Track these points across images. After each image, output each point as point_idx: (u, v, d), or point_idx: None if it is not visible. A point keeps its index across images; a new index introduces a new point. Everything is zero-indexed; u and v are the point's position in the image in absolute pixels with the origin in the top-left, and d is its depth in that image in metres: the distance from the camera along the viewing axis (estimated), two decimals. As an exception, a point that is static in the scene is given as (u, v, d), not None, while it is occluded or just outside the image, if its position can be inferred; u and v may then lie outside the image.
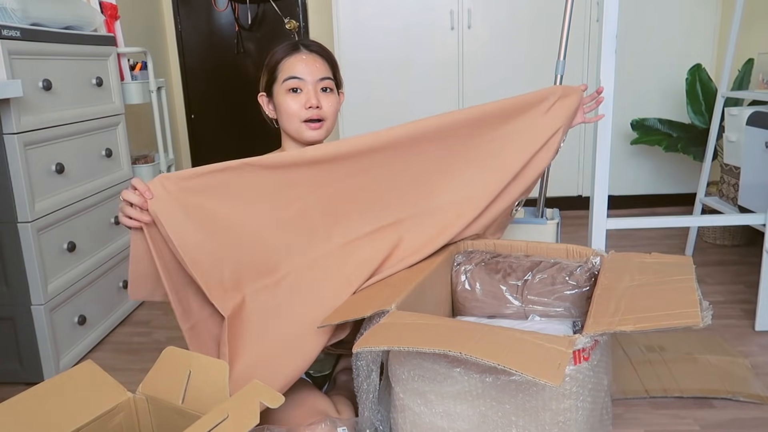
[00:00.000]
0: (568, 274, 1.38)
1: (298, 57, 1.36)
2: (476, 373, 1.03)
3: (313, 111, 1.35)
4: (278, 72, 1.36)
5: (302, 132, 1.37)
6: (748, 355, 1.70)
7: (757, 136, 2.01)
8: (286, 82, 1.34)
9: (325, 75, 1.37)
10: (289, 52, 1.37)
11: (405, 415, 1.14)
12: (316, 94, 1.35)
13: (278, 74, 1.36)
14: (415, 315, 1.12)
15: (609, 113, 1.63)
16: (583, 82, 3.14)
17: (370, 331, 1.06)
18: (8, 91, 1.53)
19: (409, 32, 3.17)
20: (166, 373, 1.00)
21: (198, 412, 0.95)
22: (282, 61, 1.36)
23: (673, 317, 0.98)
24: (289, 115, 1.36)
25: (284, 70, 1.35)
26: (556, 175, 3.18)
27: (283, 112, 1.37)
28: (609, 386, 1.18)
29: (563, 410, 1.00)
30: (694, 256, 2.53)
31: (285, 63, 1.36)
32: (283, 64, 1.36)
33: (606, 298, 1.11)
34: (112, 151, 2.11)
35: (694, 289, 1.10)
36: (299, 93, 1.35)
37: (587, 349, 1.01)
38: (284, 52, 1.37)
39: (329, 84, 1.38)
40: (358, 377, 1.19)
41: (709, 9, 3.09)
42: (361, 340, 1.03)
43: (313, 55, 1.37)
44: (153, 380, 1.02)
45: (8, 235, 1.65)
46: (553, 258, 1.46)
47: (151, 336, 2.03)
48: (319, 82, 1.36)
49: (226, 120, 3.91)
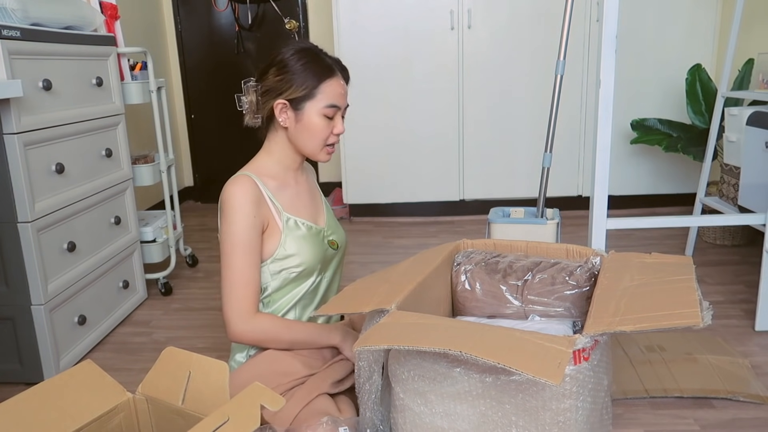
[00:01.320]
0: (568, 274, 1.38)
1: (338, 81, 1.36)
2: (476, 373, 1.03)
3: (337, 138, 1.39)
4: (319, 93, 1.33)
5: (320, 154, 1.38)
6: (748, 355, 1.70)
7: (757, 136, 2.02)
8: (328, 109, 1.34)
9: (348, 104, 1.41)
10: (330, 75, 1.35)
11: (405, 415, 1.14)
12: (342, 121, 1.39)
13: (318, 95, 1.33)
14: (415, 315, 1.12)
15: (609, 113, 1.63)
16: (583, 82, 3.17)
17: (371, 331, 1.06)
18: (8, 91, 1.53)
19: (409, 32, 3.17)
20: (165, 373, 1.00)
21: (198, 413, 0.95)
22: (324, 83, 1.33)
23: (674, 317, 0.98)
24: (319, 138, 1.36)
25: (326, 94, 1.33)
26: (556, 175, 3.19)
27: (311, 132, 1.35)
28: (609, 386, 1.18)
29: (563, 410, 1.00)
30: (694, 256, 2.53)
31: (327, 86, 1.33)
32: (326, 87, 1.33)
33: (606, 298, 1.11)
34: (112, 151, 2.11)
35: (694, 289, 1.10)
36: (331, 119, 1.36)
37: (587, 349, 1.01)
38: (325, 73, 1.34)
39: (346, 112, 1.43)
40: (360, 377, 1.19)
41: (709, 9, 3.09)
42: (361, 338, 1.03)
43: (344, 80, 1.39)
44: (152, 381, 1.01)
45: (8, 235, 1.65)
46: (553, 258, 1.46)
47: (151, 336, 2.03)
48: (345, 110, 1.40)
49: (226, 120, 3.91)
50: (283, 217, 1.36)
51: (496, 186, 3.33)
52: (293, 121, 1.35)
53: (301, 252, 1.36)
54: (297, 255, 1.35)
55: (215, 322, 2.11)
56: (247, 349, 1.38)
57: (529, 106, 3.21)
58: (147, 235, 2.35)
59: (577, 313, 1.37)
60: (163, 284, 2.39)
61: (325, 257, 1.43)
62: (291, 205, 1.39)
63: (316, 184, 1.55)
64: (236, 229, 1.28)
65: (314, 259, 1.38)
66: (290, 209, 1.38)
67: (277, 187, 1.38)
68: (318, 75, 1.33)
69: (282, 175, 1.40)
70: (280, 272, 1.35)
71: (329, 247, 1.44)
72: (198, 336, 1.99)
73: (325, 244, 1.43)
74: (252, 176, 1.34)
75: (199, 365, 0.97)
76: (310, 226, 1.40)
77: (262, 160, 1.40)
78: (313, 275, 1.40)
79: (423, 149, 3.30)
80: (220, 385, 0.95)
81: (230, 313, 1.29)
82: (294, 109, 1.34)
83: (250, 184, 1.31)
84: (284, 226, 1.35)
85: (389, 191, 3.37)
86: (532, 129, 3.23)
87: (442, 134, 3.28)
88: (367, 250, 2.90)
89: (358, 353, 1.20)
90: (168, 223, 2.46)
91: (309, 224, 1.40)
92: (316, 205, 1.49)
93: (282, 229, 1.35)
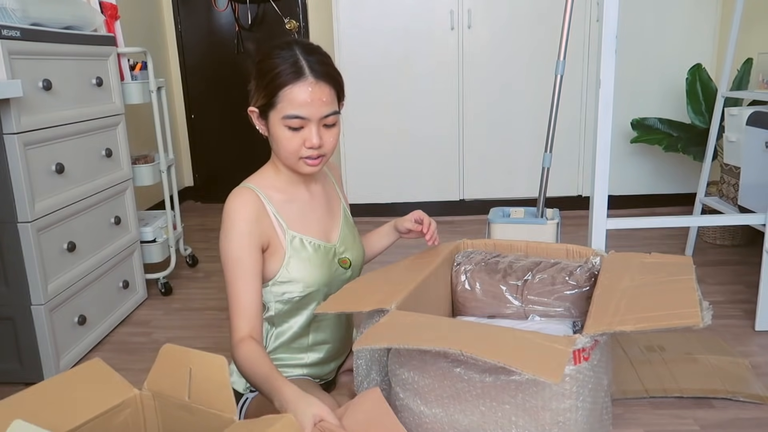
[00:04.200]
0: (568, 274, 1.38)
1: (303, 87, 1.14)
2: (476, 372, 1.03)
3: (314, 150, 1.19)
4: (278, 100, 1.15)
5: (298, 167, 1.22)
6: (748, 355, 1.70)
7: (757, 136, 2.02)
8: (289, 120, 1.15)
9: (330, 110, 1.18)
10: (294, 78, 1.14)
11: (404, 414, 1.14)
12: (319, 131, 1.18)
13: (278, 103, 1.15)
14: (414, 315, 1.12)
15: (609, 113, 1.63)
16: (583, 82, 3.17)
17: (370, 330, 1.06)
18: (8, 91, 1.53)
19: (409, 32, 3.17)
20: (167, 370, 1.01)
21: (205, 407, 0.96)
22: (285, 89, 1.14)
23: (674, 317, 0.98)
24: (288, 152, 1.19)
25: (286, 101, 1.15)
26: (556, 175, 3.19)
27: (278, 145, 1.20)
28: (609, 386, 1.18)
29: (563, 410, 1.00)
30: (694, 256, 2.53)
31: (288, 92, 1.14)
32: (286, 92, 1.14)
33: (606, 299, 1.11)
34: (112, 151, 2.11)
35: (694, 289, 1.10)
36: (300, 130, 1.18)
37: (587, 349, 1.01)
38: (288, 77, 1.14)
39: (334, 120, 1.20)
40: (358, 376, 1.19)
41: (709, 9, 3.09)
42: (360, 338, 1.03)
43: (320, 84, 1.16)
44: (156, 378, 1.02)
45: (8, 235, 1.65)
46: (553, 258, 1.46)
47: (151, 336, 2.03)
48: (324, 119, 1.18)
49: (226, 120, 3.91)
50: (288, 236, 1.25)
51: (496, 186, 3.33)
52: (266, 130, 1.22)
53: (305, 276, 1.26)
54: (301, 281, 1.25)
55: (215, 322, 2.11)
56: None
57: (529, 106, 3.21)
58: (147, 235, 2.35)
59: (577, 313, 1.37)
60: (163, 284, 2.39)
61: (335, 278, 1.32)
62: (298, 221, 1.28)
63: (336, 192, 1.42)
64: (231, 246, 1.19)
65: (320, 282, 1.28)
66: (296, 226, 1.27)
67: (283, 200, 1.27)
68: (279, 80, 1.15)
69: (290, 188, 1.29)
70: (282, 295, 1.27)
71: (339, 266, 1.33)
72: (198, 336, 1.99)
73: (335, 263, 1.32)
74: (255, 189, 1.24)
75: (198, 361, 0.98)
76: (318, 245, 1.29)
77: (267, 171, 1.29)
78: (320, 298, 1.30)
79: (423, 149, 3.30)
80: (221, 380, 0.95)
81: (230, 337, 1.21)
82: (263, 118, 1.21)
83: (250, 198, 1.22)
84: (288, 246, 1.25)
85: (389, 191, 3.37)
86: (532, 129, 3.23)
87: (442, 134, 3.28)
88: (367, 250, 2.90)
89: (357, 352, 1.20)
90: (168, 223, 2.46)
91: (318, 242, 1.29)
92: (332, 218, 1.36)
93: (286, 249, 1.25)
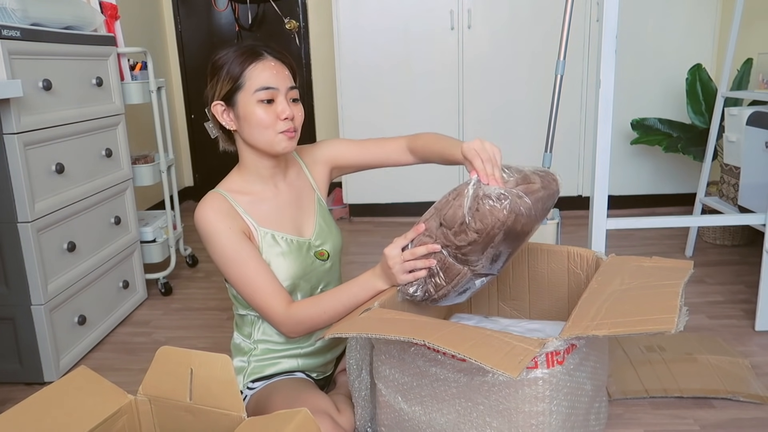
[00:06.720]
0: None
1: (266, 64, 1.23)
2: (451, 372, 1.04)
3: (289, 122, 1.25)
4: (245, 80, 1.22)
5: (277, 143, 1.26)
6: (748, 355, 1.70)
7: (757, 136, 2.02)
8: (259, 92, 1.22)
9: (292, 84, 1.27)
10: (254, 58, 1.23)
11: (386, 411, 1.15)
12: (289, 104, 1.26)
13: (245, 82, 1.22)
14: (394, 312, 1.13)
15: (609, 113, 1.63)
16: (583, 82, 3.17)
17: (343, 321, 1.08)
18: (8, 91, 1.53)
19: (409, 32, 3.17)
20: (164, 372, 1.00)
21: (210, 407, 0.95)
22: (248, 68, 1.22)
23: (648, 323, 0.97)
24: (263, 127, 1.24)
25: (253, 79, 1.22)
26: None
27: (254, 124, 1.24)
28: (597, 391, 1.17)
29: (536, 413, 1.00)
30: (694, 256, 2.53)
31: (252, 70, 1.22)
32: (251, 71, 1.22)
33: (590, 302, 1.10)
34: (112, 151, 2.11)
35: (677, 294, 1.08)
36: (271, 104, 1.24)
37: (561, 352, 1.00)
38: (248, 58, 1.23)
39: (296, 94, 1.28)
40: (351, 375, 1.21)
41: (709, 9, 3.09)
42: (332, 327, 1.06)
43: (278, 63, 1.26)
44: (152, 381, 1.01)
45: (8, 235, 1.65)
46: (552, 259, 1.46)
47: (151, 336, 2.03)
48: (289, 91, 1.26)
49: (226, 120, 3.91)
50: (260, 233, 1.30)
51: (496, 186, 3.32)
52: (235, 119, 1.27)
53: (281, 271, 1.30)
54: (277, 275, 1.29)
55: (215, 322, 2.11)
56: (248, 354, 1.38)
57: (529, 106, 3.21)
58: (147, 235, 2.35)
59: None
60: (163, 284, 2.39)
61: (312, 270, 1.36)
62: (269, 219, 1.32)
63: (309, 182, 1.44)
64: (223, 246, 1.24)
65: (296, 276, 1.32)
66: (267, 223, 1.32)
67: (250, 201, 1.31)
68: (240, 62, 1.23)
69: (257, 189, 1.33)
70: None
71: (317, 258, 1.37)
72: (198, 336, 1.99)
73: (311, 256, 1.36)
74: (222, 192, 1.30)
75: (200, 362, 0.97)
76: (291, 240, 1.33)
77: (232, 176, 1.35)
78: (300, 291, 1.35)
79: (423, 149, 3.30)
80: (227, 377, 0.95)
81: (271, 322, 1.27)
82: (230, 107, 1.26)
83: (217, 199, 1.27)
84: (261, 242, 1.30)
85: (389, 191, 3.37)
86: (532, 129, 3.23)
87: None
88: (367, 250, 2.90)
89: (347, 351, 1.21)
90: (168, 223, 2.46)
91: (291, 238, 1.33)
92: (304, 212, 1.40)
93: (260, 245, 1.29)
